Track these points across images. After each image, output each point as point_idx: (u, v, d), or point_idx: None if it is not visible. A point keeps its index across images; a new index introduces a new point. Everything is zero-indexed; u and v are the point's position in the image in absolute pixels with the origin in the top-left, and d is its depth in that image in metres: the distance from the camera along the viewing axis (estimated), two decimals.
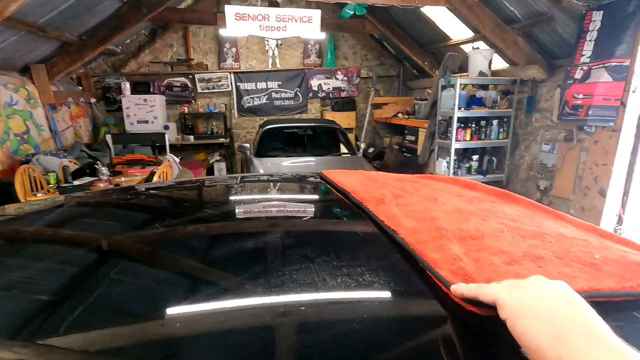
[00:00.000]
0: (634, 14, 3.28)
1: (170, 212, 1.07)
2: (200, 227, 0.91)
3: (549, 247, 0.65)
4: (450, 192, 1.06)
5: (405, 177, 1.31)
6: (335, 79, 7.51)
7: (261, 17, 3.56)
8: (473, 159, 4.87)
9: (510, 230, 0.72)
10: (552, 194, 4.34)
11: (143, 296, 0.59)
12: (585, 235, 0.76)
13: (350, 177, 1.24)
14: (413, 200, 0.93)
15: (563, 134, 4.11)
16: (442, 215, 0.80)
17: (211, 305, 0.55)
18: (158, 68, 6.93)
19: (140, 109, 6.39)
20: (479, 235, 0.69)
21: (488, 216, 0.83)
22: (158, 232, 0.85)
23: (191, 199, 1.24)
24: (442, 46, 5.89)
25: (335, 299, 0.57)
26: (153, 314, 0.53)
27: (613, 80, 3.45)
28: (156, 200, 1.20)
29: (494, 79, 4.71)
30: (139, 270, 0.69)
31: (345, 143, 5.36)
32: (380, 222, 0.78)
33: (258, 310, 0.54)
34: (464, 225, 0.74)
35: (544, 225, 0.79)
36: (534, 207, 1.01)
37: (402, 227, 0.72)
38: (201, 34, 6.98)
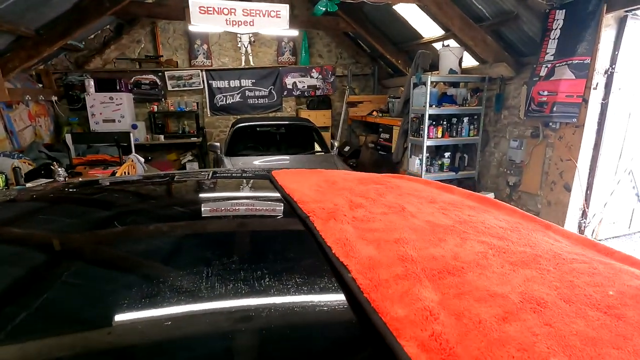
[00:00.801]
0: (593, 13, 3.37)
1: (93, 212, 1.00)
2: (124, 226, 0.85)
3: (548, 280, 0.51)
4: (422, 197, 0.92)
5: (370, 178, 1.16)
6: (310, 77, 7.44)
7: (227, 11, 3.45)
8: (445, 156, 4.91)
9: (496, 254, 0.58)
10: (521, 190, 4.43)
11: (76, 302, 0.53)
12: (583, 253, 0.63)
13: (302, 179, 1.07)
14: (375, 212, 0.77)
15: (530, 130, 4.20)
16: (409, 234, 0.64)
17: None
18: (125, 65, 6.65)
19: (106, 107, 6.12)
20: (459, 267, 0.53)
21: (467, 232, 0.68)
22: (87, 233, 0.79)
23: (118, 197, 1.15)
24: (414, 44, 5.93)
25: None
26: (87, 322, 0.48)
27: (575, 77, 3.54)
28: (97, 196, 1.15)
29: (464, 77, 4.77)
30: (70, 273, 0.62)
31: (319, 141, 5.30)
32: (328, 248, 0.59)
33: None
34: (437, 250, 0.58)
35: (534, 241, 0.66)
36: (516, 214, 0.89)
37: (354, 258, 0.54)
38: (170, 29, 6.76)
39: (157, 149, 6.83)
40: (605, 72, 3.56)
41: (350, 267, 0.53)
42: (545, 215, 4.05)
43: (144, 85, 6.71)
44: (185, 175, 1.49)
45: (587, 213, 3.96)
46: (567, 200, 3.85)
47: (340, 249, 0.58)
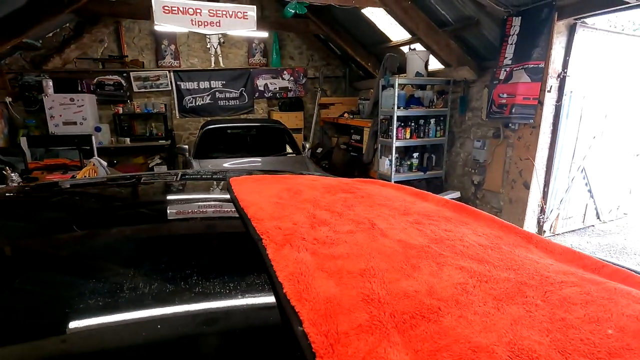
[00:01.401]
0: (546, 21, 3.57)
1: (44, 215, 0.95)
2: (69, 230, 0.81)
3: (538, 319, 0.44)
4: (394, 208, 0.86)
5: (339, 185, 1.06)
6: (281, 79, 7.43)
7: (192, 11, 3.38)
8: (414, 157, 5.04)
9: (478, 285, 0.52)
10: (485, 188, 4.62)
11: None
12: (571, 272, 0.58)
13: (263, 188, 0.96)
14: (341, 230, 0.69)
15: (492, 131, 4.39)
16: (378, 262, 0.56)
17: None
18: (87, 65, 6.37)
19: (66, 109, 5.84)
20: (434, 308, 0.45)
21: (444, 254, 0.61)
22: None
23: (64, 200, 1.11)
24: (383, 47, 6.05)
25: None
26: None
27: (531, 81, 3.74)
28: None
29: (429, 80, 4.92)
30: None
31: (291, 143, 5.30)
32: (278, 285, 0.49)
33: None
34: (410, 284, 0.51)
35: (517, 262, 0.60)
36: (495, 225, 0.82)
37: (308, 302, 0.45)
38: (136, 29, 6.55)
39: (123, 153, 6.59)
40: (558, 76, 3.78)
41: (302, 315, 0.42)
42: (507, 213, 4.24)
43: (108, 86, 6.46)
44: (137, 178, 1.44)
45: (545, 209, 4.18)
46: (527, 198, 4.05)
47: (293, 286, 0.48)
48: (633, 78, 4.30)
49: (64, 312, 0.49)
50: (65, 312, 0.49)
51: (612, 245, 4.15)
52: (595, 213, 4.75)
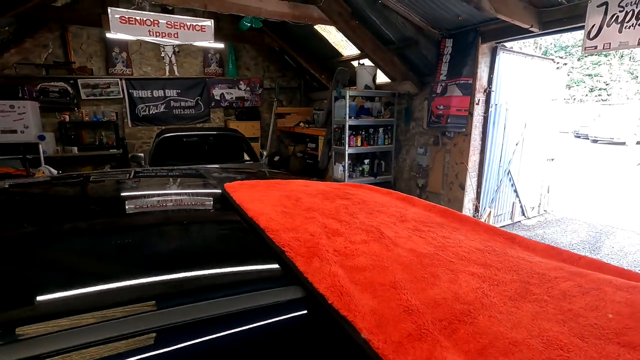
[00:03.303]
0: (473, 43, 4.13)
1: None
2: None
3: (551, 313, 0.51)
4: (392, 215, 0.90)
5: (332, 191, 1.09)
6: (238, 89, 7.56)
7: (150, 22, 3.47)
8: (365, 163, 5.42)
9: (492, 288, 0.57)
10: (428, 190, 5.10)
11: None
12: (559, 267, 0.66)
13: (263, 196, 0.96)
14: (355, 240, 0.72)
15: (432, 139, 4.89)
16: (401, 273, 0.60)
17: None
18: (29, 70, 6.06)
19: (5, 116, 5.49)
20: (465, 311, 0.50)
21: (452, 261, 0.66)
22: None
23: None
24: (335, 61, 6.45)
25: None
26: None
27: (462, 94, 4.27)
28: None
29: (377, 92, 5.35)
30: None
31: (248, 151, 5.43)
32: (321, 297, 0.51)
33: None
34: (436, 292, 0.55)
35: (513, 263, 0.68)
36: (480, 228, 0.91)
37: (358, 312, 0.47)
38: (84, 35, 6.35)
39: (71, 162, 6.29)
40: (484, 91, 4.35)
41: (357, 325, 0.45)
42: None
43: (53, 93, 6.18)
44: (111, 176, 1.50)
45: (478, 208, 4.72)
46: (463, 197, 4.57)
47: (339, 299, 0.49)
48: (544, 92, 5.05)
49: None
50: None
51: (534, 238, 4.79)
52: (521, 210, 5.42)
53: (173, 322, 0.48)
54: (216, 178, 1.42)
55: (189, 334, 0.48)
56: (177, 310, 0.50)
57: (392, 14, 4.37)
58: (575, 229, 5.12)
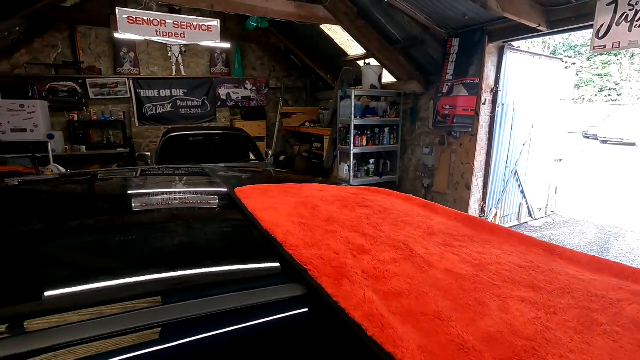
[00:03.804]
0: (479, 42, 4.10)
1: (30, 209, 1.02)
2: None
3: (629, 350, 0.45)
4: (418, 226, 0.84)
5: (350, 197, 1.04)
6: (244, 89, 7.59)
7: (157, 22, 3.50)
8: (370, 163, 5.41)
9: (550, 317, 0.51)
10: (434, 190, 5.07)
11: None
12: (619, 288, 0.60)
13: (276, 202, 0.90)
14: (384, 258, 0.66)
15: (438, 139, 4.86)
16: (443, 300, 0.53)
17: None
18: (38, 70, 6.15)
19: (15, 115, 5.58)
20: (530, 349, 0.43)
21: (495, 283, 0.60)
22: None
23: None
24: (341, 61, 6.44)
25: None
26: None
27: (469, 94, 4.24)
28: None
29: (383, 92, 5.34)
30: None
31: (254, 150, 5.45)
32: (357, 327, 0.46)
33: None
34: (488, 324, 0.48)
35: (563, 282, 0.61)
36: (514, 238, 0.84)
37: (404, 346, 0.42)
38: (92, 35, 6.43)
39: (78, 161, 6.36)
40: (491, 91, 4.32)
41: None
42: None
43: (62, 92, 6.26)
44: (111, 175, 1.51)
45: (485, 208, 4.69)
46: (468, 198, 4.54)
47: (380, 331, 0.43)
48: (552, 92, 5.00)
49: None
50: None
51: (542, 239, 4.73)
52: (528, 211, 5.37)
53: (181, 317, 0.48)
54: (224, 178, 1.40)
55: (195, 331, 0.47)
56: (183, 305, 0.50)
57: (398, 14, 4.35)
58: (584, 230, 5.06)
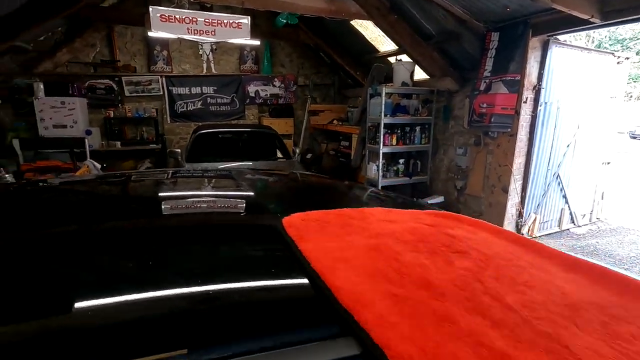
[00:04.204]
0: (522, 36, 3.83)
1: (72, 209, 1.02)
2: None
3: None
4: (544, 289, 0.64)
5: (418, 225, 0.87)
6: (272, 86, 7.59)
7: (189, 20, 3.52)
8: (400, 163, 5.24)
9: None
10: (467, 193, 4.84)
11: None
12: None
13: (341, 244, 0.72)
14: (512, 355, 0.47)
15: (473, 139, 4.62)
16: None
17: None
18: (78, 69, 6.41)
19: (56, 112, 5.85)
20: None
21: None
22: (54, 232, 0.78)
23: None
24: (371, 57, 6.28)
25: None
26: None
27: (508, 92, 3.99)
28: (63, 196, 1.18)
29: (414, 89, 5.14)
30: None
31: (281, 148, 5.43)
32: None
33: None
34: None
35: None
36: (603, 277, 0.69)
37: None
38: (128, 34, 6.62)
39: (113, 156, 6.59)
40: (533, 88, 4.04)
41: None
42: (487, 216, 4.46)
43: (99, 90, 6.50)
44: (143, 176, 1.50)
45: (522, 213, 4.41)
46: (505, 202, 4.28)
47: None
48: (601, 89, 4.62)
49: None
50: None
51: (585, 248, 4.40)
52: (571, 218, 5.02)
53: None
54: (260, 192, 1.32)
55: None
56: None
57: (432, 7, 4.15)
58: (634, 240, 4.65)
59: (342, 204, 1.20)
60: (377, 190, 1.69)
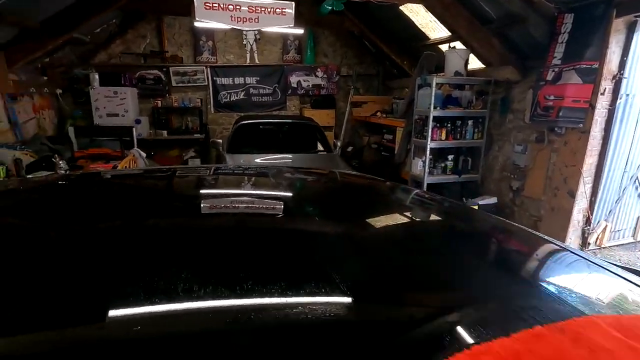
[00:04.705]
0: (602, 17, 3.32)
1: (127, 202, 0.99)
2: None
3: None
4: None
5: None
6: (314, 76, 7.42)
7: (232, 8, 3.43)
8: (448, 159, 4.87)
9: None
10: (524, 195, 4.38)
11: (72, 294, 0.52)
12: None
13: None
14: None
15: (535, 135, 4.15)
16: None
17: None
18: (130, 60, 6.66)
19: (110, 101, 6.12)
20: None
21: None
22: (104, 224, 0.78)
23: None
24: (420, 45, 5.88)
25: None
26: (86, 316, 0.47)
27: (582, 82, 3.49)
28: (110, 188, 1.15)
29: (469, 79, 4.72)
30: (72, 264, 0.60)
31: (322, 141, 5.28)
32: None
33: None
34: None
35: None
36: None
37: None
38: (176, 25, 6.75)
39: (160, 145, 6.82)
40: (613, 78, 3.50)
41: None
42: (548, 221, 4.01)
43: (149, 80, 6.72)
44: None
45: (590, 220, 3.91)
46: (571, 207, 3.80)
47: None
48: None
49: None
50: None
51: None
52: None
53: None
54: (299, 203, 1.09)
55: None
56: None
57: None
58: None
59: (391, 210, 1.04)
60: (423, 192, 1.39)
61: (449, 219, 1.10)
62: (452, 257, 0.79)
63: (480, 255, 0.85)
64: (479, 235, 0.99)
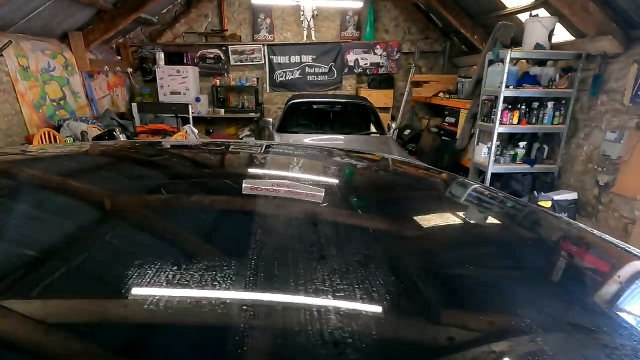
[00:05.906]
0: None
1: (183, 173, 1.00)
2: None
3: None
4: None
5: None
6: (373, 54, 7.01)
7: None
8: (520, 146, 4.27)
9: None
10: (614, 191, 3.69)
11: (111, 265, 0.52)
12: None
13: None
14: None
15: (635, 120, 3.43)
16: None
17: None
18: (192, 39, 6.88)
19: (173, 79, 6.41)
20: None
21: None
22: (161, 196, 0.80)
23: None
24: (494, 16, 5.18)
25: None
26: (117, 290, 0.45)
27: None
28: (170, 159, 1.16)
29: (553, 53, 4.04)
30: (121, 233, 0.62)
31: (375, 122, 4.98)
32: None
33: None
34: None
35: None
36: None
37: None
38: (236, 3, 6.79)
39: (218, 123, 7.05)
40: None
41: None
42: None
43: (209, 59, 6.90)
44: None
45: None
46: None
47: None
48: None
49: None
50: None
51: None
52: None
53: None
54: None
55: None
56: None
57: None
58: None
59: (441, 209, 0.91)
60: (483, 187, 1.13)
61: (512, 225, 0.90)
62: (509, 274, 0.62)
63: (547, 272, 0.66)
64: (549, 247, 0.80)
